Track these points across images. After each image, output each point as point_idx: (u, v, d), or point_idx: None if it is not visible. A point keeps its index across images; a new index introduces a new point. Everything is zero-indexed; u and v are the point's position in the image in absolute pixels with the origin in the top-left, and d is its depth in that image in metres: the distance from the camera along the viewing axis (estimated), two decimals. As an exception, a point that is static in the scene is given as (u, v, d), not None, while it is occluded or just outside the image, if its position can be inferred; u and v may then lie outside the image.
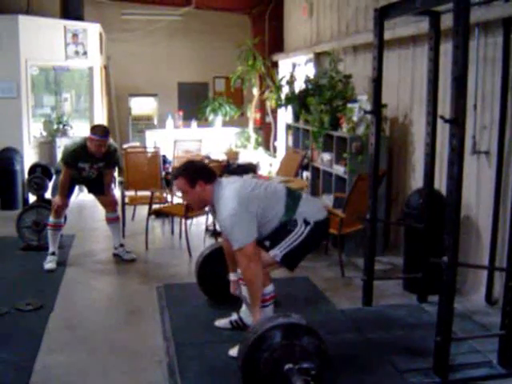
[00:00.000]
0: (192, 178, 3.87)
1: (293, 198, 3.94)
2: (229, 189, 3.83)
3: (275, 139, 11.04)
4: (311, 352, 3.29)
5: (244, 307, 4.32)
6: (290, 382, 3.18)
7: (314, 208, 4.01)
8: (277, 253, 3.84)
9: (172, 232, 7.52)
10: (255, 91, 11.19)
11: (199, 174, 3.90)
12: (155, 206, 7.26)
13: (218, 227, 6.70)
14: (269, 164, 10.39)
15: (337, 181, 6.73)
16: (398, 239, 6.42)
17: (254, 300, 3.81)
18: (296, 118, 8.25)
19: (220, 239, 6.08)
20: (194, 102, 12.31)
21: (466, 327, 4.40)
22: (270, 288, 3.93)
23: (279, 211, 3.87)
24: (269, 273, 3.95)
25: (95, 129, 5.94)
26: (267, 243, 3.88)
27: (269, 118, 11.15)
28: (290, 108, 8.47)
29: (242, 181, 4.05)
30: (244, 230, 3.71)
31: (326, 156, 6.98)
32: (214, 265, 4.76)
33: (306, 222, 3.86)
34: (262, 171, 9.74)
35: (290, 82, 8.55)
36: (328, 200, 6.75)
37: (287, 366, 3.24)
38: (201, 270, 4.89)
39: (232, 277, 4.35)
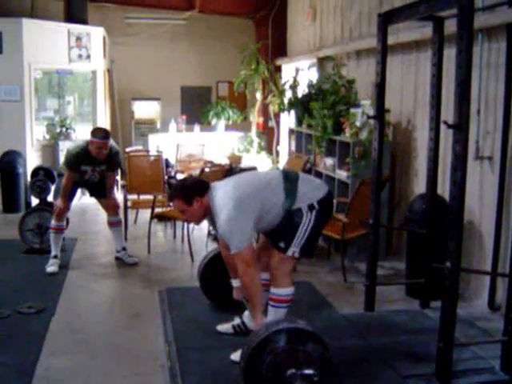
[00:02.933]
0: (187, 196, 3.89)
1: (290, 180, 3.91)
2: (221, 193, 3.83)
3: (278, 144, 11.04)
4: (314, 358, 3.28)
5: (247, 312, 4.31)
6: None
7: (313, 186, 4.00)
8: (294, 250, 3.84)
9: (174, 236, 7.52)
10: (258, 95, 11.20)
11: (193, 190, 3.91)
12: (157, 210, 7.25)
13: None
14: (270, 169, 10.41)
15: (339, 185, 6.73)
16: (401, 244, 6.40)
17: (254, 304, 3.81)
18: (299, 122, 8.25)
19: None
20: (196, 106, 12.33)
21: (468, 333, 4.39)
22: (288, 290, 3.93)
23: (279, 198, 3.85)
24: (291, 274, 3.96)
25: (95, 131, 5.95)
26: (282, 245, 3.86)
27: (272, 123, 11.15)
28: (293, 112, 8.47)
29: (234, 181, 4.02)
30: (240, 234, 3.71)
31: (329, 161, 6.98)
32: (217, 269, 4.75)
33: (310, 207, 3.84)
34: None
35: (293, 87, 8.56)
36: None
37: (290, 372, 3.23)
38: (203, 275, 4.88)
39: (234, 283, 4.34)
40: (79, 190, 6.59)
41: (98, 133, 5.88)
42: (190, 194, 3.89)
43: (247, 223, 3.73)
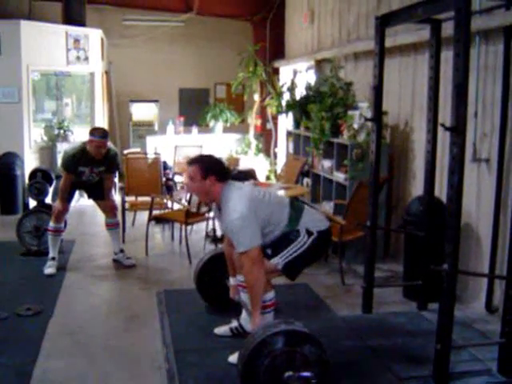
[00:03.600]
0: (206, 169, 3.86)
1: (296, 209, 3.97)
2: (239, 193, 3.84)
3: (276, 146, 11.05)
4: (312, 361, 3.28)
5: (244, 314, 4.31)
6: None
7: (316, 218, 4.04)
8: (279, 261, 3.85)
9: (172, 238, 7.52)
10: (256, 98, 11.20)
11: (214, 168, 3.89)
12: (155, 212, 7.25)
13: (218, 231, 6.71)
14: (267, 171, 10.43)
15: (337, 188, 6.74)
16: (399, 246, 6.41)
17: (255, 304, 3.80)
18: (297, 124, 8.26)
19: (220, 245, 6.09)
20: (194, 108, 12.33)
21: (465, 335, 4.39)
22: (270, 295, 3.93)
23: (282, 221, 3.89)
24: (269, 280, 3.95)
25: (94, 130, 5.96)
26: (269, 251, 3.89)
27: (269, 125, 11.15)
28: (290, 115, 8.48)
29: (251, 187, 4.06)
30: (250, 233, 3.71)
31: (327, 163, 6.98)
32: (213, 271, 4.76)
33: (309, 233, 3.88)
34: (261, 178, 9.74)
35: (291, 89, 8.57)
36: (328, 207, 6.75)
37: (287, 374, 3.24)
38: (200, 276, 4.89)
39: (232, 281, 4.36)
40: (77, 192, 6.59)
41: (97, 132, 5.90)
42: (210, 169, 3.87)
43: (257, 225, 3.75)
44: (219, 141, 11.36)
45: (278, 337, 3.30)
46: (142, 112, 12.29)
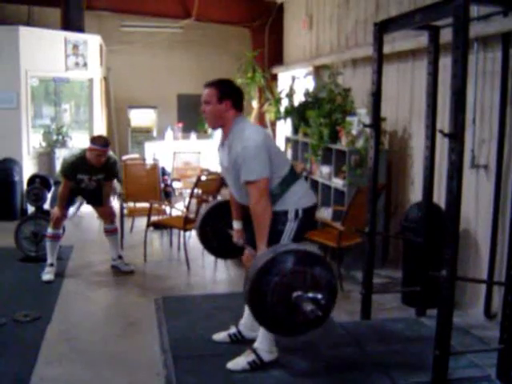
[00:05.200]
0: (223, 93, 3.81)
1: (292, 174, 3.92)
2: (255, 126, 3.92)
3: (274, 151, 11.03)
4: (321, 283, 3.24)
5: (243, 320, 4.30)
6: (298, 307, 3.14)
7: (306, 191, 3.99)
8: None
9: (170, 244, 7.51)
10: (255, 104, 11.20)
11: (232, 94, 3.85)
12: (154, 218, 7.25)
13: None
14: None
15: (336, 194, 6.73)
16: (397, 253, 6.41)
17: (261, 236, 3.69)
18: (295, 130, 8.26)
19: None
20: (193, 114, 12.29)
21: (464, 341, 4.39)
22: None
23: (279, 177, 3.81)
24: None
25: (95, 139, 5.96)
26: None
27: (268, 131, 11.16)
28: (289, 121, 8.48)
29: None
30: (263, 163, 3.67)
31: (325, 169, 6.98)
32: (215, 220, 4.50)
33: (296, 214, 3.81)
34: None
35: (290, 95, 8.57)
36: (327, 213, 6.75)
37: (296, 293, 3.20)
38: (202, 227, 4.57)
39: (236, 225, 4.23)
40: (78, 201, 6.60)
41: (99, 140, 5.89)
42: (228, 93, 3.83)
43: (268, 158, 3.70)
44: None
45: (288, 255, 3.25)
46: (140, 118, 12.29)
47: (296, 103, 8.27)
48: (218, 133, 4.10)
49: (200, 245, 4.62)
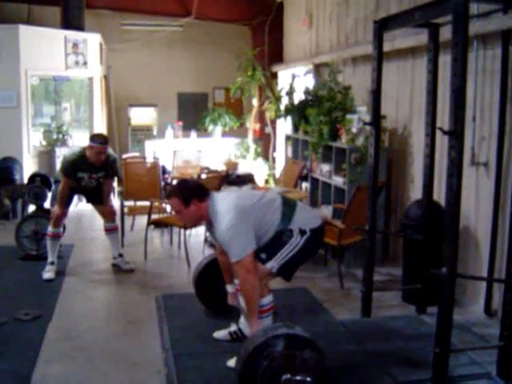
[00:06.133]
0: (186, 197, 3.87)
1: (288, 206, 3.95)
2: (224, 202, 3.85)
3: (274, 150, 11.05)
4: (311, 365, 3.28)
5: (243, 318, 4.31)
6: None
7: (309, 215, 4.04)
8: (273, 265, 3.85)
9: (171, 242, 7.52)
10: (255, 102, 11.21)
11: (193, 192, 3.90)
12: (154, 216, 7.26)
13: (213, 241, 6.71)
14: (266, 175, 10.42)
15: (336, 192, 6.74)
16: (397, 250, 6.41)
17: (251, 311, 3.80)
18: (295, 128, 8.27)
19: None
20: (193, 113, 12.33)
21: (464, 339, 4.40)
22: (269, 298, 3.92)
23: (275, 220, 3.87)
24: (267, 283, 3.95)
25: (95, 137, 5.97)
26: (263, 256, 3.87)
27: (268, 129, 11.15)
28: (289, 119, 8.49)
29: (237, 192, 4.06)
30: (241, 242, 3.72)
31: (325, 167, 6.99)
32: (212, 276, 4.75)
33: (302, 232, 3.86)
34: (259, 182, 9.75)
35: (290, 93, 8.58)
36: (327, 211, 6.75)
37: (285, 377, 3.23)
38: (198, 281, 4.88)
39: (229, 288, 4.36)
40: (76, 197, 6.59)
41: (98, 138, 5.90)
42: (189, 195, 3.87)
43: (248, 232, 3.74)
44: (218, 145, 11.36)
45: (278, 339, 3.29)
46: (140, 116, 12.29)
47: (296, 101, 8.27)
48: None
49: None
